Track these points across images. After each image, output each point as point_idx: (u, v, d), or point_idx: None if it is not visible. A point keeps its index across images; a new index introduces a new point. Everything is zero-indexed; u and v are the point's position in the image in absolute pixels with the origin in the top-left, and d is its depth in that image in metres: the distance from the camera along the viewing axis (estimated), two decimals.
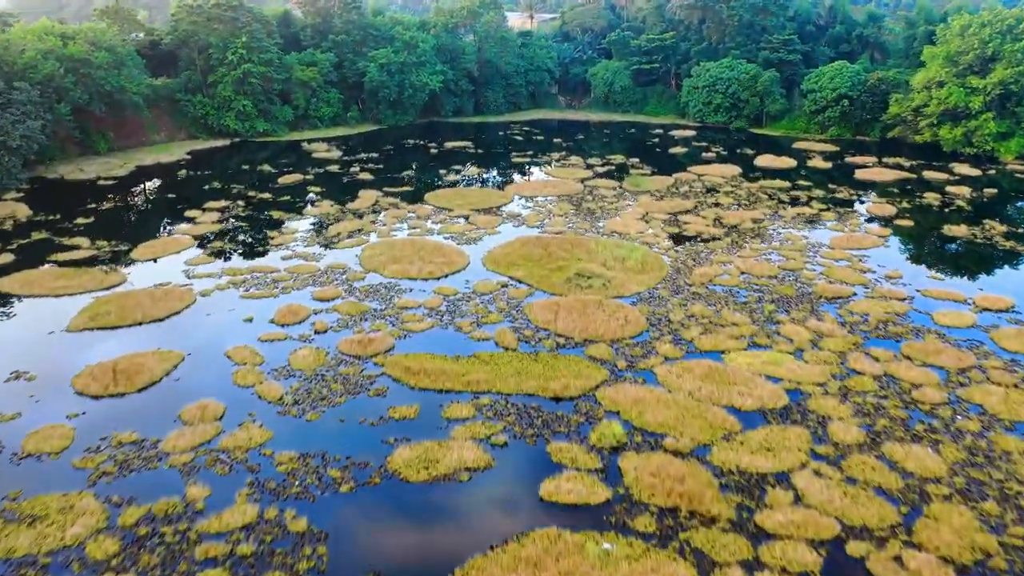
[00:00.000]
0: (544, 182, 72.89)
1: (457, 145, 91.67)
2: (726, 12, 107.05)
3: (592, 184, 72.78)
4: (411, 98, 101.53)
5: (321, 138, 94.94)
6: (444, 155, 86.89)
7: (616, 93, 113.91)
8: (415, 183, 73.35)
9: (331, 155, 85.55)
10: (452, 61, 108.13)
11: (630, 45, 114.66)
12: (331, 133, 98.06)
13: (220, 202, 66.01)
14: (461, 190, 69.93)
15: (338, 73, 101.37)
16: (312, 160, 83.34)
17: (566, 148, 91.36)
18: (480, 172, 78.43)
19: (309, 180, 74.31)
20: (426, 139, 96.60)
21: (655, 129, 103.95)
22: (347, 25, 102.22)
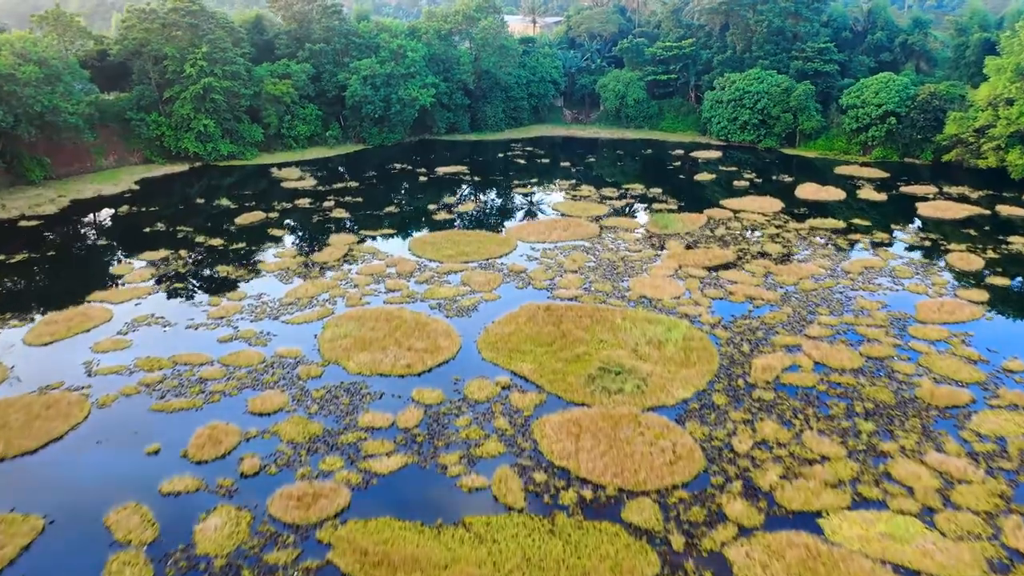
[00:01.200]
0: (552, 222, 61.16)
1: (450, 171, 79.92)
2: (753, 17, 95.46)
3: (609, 224, 61.08)
4: (399, 115, 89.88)
5: (295, 161, 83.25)
6: (435, 184, 75.22)
7: (629, 107, 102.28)
8: (398, 223, 61.65)
9: (304, 184, 73.84)
10: (446, 72, 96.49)
11: (644, 53, 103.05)
12: (307, 155, 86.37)
13: (160, 251, 54.33)
14: (453, 234, 58.19)
15: (316, 86, 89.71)
16: (281, 191, 71.63)
17: (575, 174, 79.71)
18: (476, 206, 66.67)
19: (273, 220, 62.60)
20: (415, 162, 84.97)
21: (674, 149, 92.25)
22: (326, 32, 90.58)
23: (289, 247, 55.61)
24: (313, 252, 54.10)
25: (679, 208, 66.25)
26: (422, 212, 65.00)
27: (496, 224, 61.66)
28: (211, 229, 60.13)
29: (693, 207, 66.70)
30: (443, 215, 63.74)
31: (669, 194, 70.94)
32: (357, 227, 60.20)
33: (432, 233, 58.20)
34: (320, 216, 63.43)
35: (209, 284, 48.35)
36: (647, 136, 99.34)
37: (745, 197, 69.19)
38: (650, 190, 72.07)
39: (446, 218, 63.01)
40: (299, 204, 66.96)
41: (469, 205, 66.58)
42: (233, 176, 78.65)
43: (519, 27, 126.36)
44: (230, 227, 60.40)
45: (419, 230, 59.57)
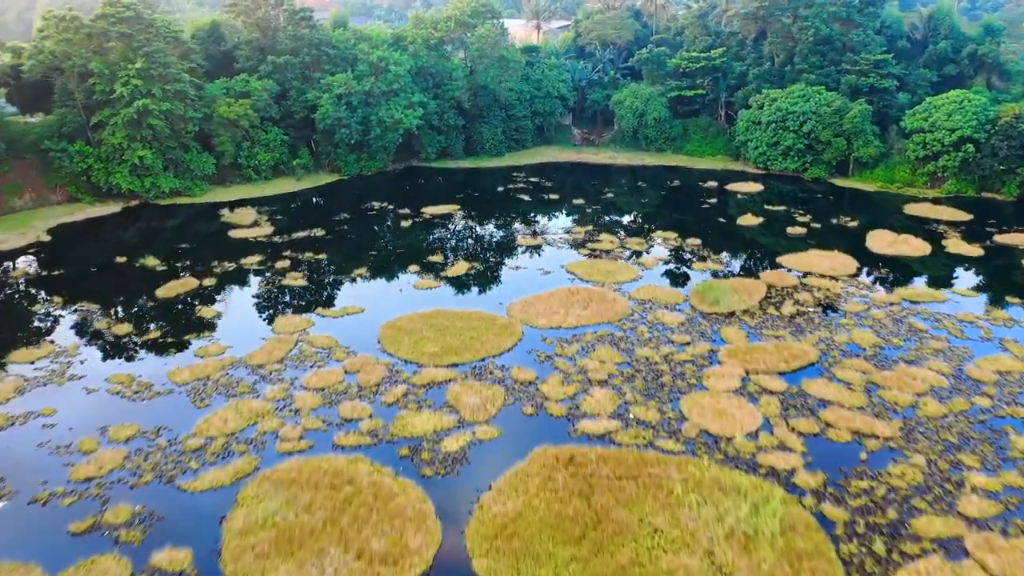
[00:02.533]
0: (568, 293, 47.16)
1: (439, 212, 65.79)
2: (795, 24, 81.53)
3: (642, 296, 47.06)
4: (379, 140, 75.84)
5: (253, 199, 69.19)
6: (420, 230, 61.23)
7: (648, 127, 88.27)
8: (369, 296, 47.67)
9: (258, 232, 59.79)
10: (436, 88, 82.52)
11: (666, 65, 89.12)
12: (269, 189, 72.28)
13: (41, 348, 40.31)
14: (439, 315, 44.10)
15: (281, 107, 75.73)
16: (227, 244, 57.61)
17: (591, 215, 65.71)
18: (470, 268, 52.60)
19: (207, 290, 48.57)
20: (398, 198, 70.97)
21: (704, 179, 78.27)
22: (294, 42, 76.56)
23: (218, 338, 41.56)
24: (248, 348, 40.05)
25: (726, 269, 52.30)
26: (400, 275, 50.99)
27: (495, 296, 47.63)
28: (122, 305, 46.13)
29: (744, 266, 52.82)
30: (427, 281, 49.69)
31: (711, 247, 56.98)
32: (314, 303, 46.18)
33: (411, 314, 44.13)
34: (269, 284, 49.41)
35: (85, 415, 34.20)
36: (671, 162, 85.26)
37: (808, 252, 55.20)
38: (686, 241, 58.00)
39: (431, 286, 49.01)
40: (246, 264, 52.92)
41: (460, 267, 52.46)
42: (175, 218, 64.65)
43: (521, 33, 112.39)
44: (148, 303, 46.33)
45: (393, 306, 45.57)
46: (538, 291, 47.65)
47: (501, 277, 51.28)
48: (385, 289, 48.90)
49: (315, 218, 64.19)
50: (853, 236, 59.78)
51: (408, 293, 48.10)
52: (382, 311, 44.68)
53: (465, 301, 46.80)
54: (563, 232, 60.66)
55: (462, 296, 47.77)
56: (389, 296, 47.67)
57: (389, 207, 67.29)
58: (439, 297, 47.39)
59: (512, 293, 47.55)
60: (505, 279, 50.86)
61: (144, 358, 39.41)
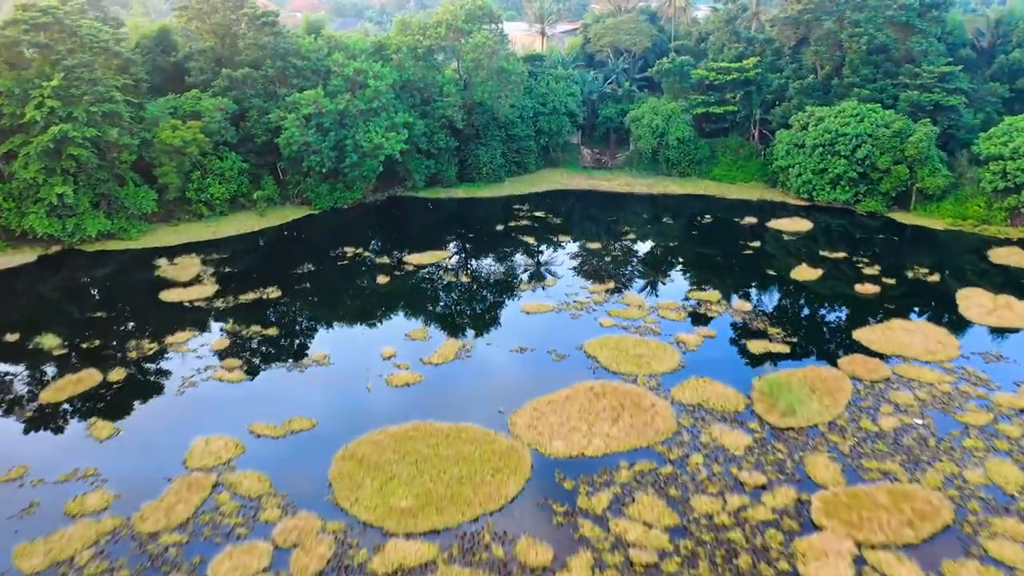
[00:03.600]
0: (589, 393, 35.34)
1: (425, 262, 53.84)
2: (845, 30, 69.77)
3: (689, 400, 35.25)
4: (356, 167, 63.96)
5: (202, 242, 57.32)
6: (400, 289, 49.44)
7: (670, 148, 76.42)
8: (321, 402, 35.80)
9: (197, 293, 47.91)
10: (424, 105, 70.69)
11: (690, 77, 77.33)
12: (223, 228, 60.35)
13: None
14: (413, 433, 32.26)
15: (240, 129, 63.92)
16: (155, 311, 45.83)
17: (611, 263, 53.93)
18: (461, 349, 40.76)
19: (110, 389, 36.71)
20: (377, 240, 59.31)
21: (740, 213, 66.46)
22: (256, 52, 64.68)
23: (105, 479, 29.73)
24: (144, 499, 28.21)
25: (792, 350, 40.54)
26: (368, 364, 39.10)
27: (493, 397, 35.77)
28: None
29: (815, 346, 41.07)
30: (403, 375, 37.81)
31: (765, 313, 45.22)
32: (251, 411, 34.37)
33: (379, 432, 32.28)
34: (191, 382, 37.49)
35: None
36: (697, 189, 73.33)
37: (890, 324, 43.42)
38: (733, 306, 46.15)
39: (408, 381, 37.18)
40: (172, 344, 41.07)
41: (448, 349, 40.56)
42: (103, 267, 52.86)
43: (523, 39, 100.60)
44: (24, 414, 34.48)
45: (356, 416, 33.81)
46: (550, 389, 35.83)
47: (501, 365, 39.40)
48: (348, 386, 36.99)
49: (272, 270, 52.40)
50: (938, 296, 48.16)
51: (378, 392, 36.30)
52: (340, 425, 32.92)
53: (453, 406, 34.94)
54: (578, 289, 48.78)
55: (449, 397, 35.93)
56: (352, 398, 35.84)
57: (364, 254, 55.37)
58: (419, 399, 35.58)
59: (516, 393, 35.71)
60: (506, 368, 38.99)
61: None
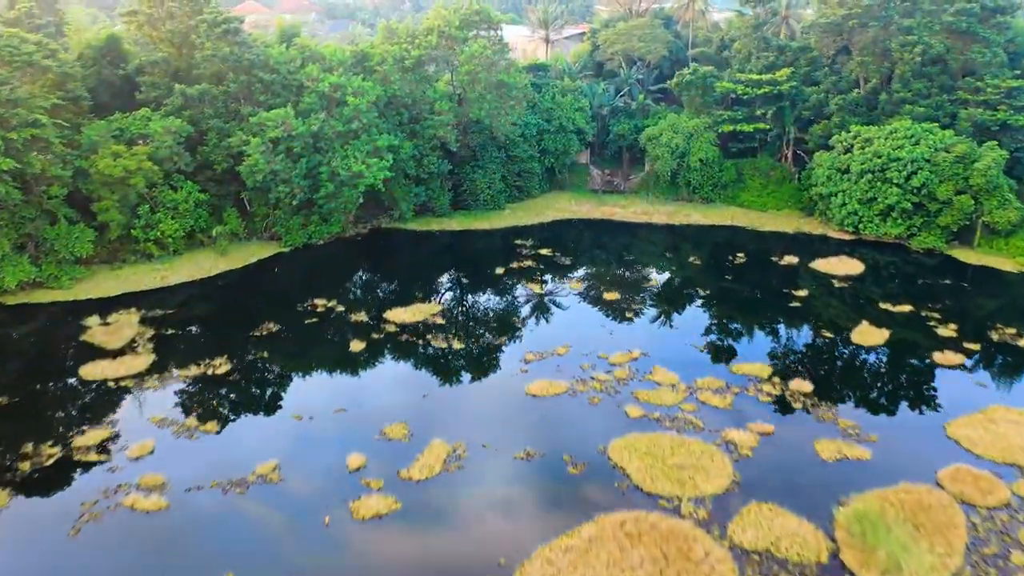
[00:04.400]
0: (622, 536, 26.37)
1: (410, 320, 44.71)
2: (895, 38, 60.86)
3: (756, 546, 26.28)
4: (333, 198, 54.99)
5: (147, 292, 48.36)
6: (376, 359, 40.51)
7: (692, 171, 67.54)
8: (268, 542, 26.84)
9: (127, 366, 38.89)
10: (413, 123, 61.77)
11: (714, 90, 68.46)
12: (176, 272, 51.32)
13: None
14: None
15: (197, 154, 55.02)
16: (68, 396, 36.82)
17: (633, 320, 44.96)
18: (451, 455, 31.71)
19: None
20: (355, 288, 50.52)
21: (776, 248, 57.70)
22: (217, 64, 55.71)
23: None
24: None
25: (874, 454, 31.59)
26: (329, 482, 30.10)
27: (489, 541, 26.81)
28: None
29: (904, 450, 32.10)
30: (371, 501, 28.67)
31: (828, 395, 36.26)
32: (156, 571, 25.40)
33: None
34: (94, 513, 28.36)
35: None
36: (723, 218, 64.34)
37: (989, 413, 34.58)
38: (790, 387, 37.12)
39: (380, 511, 28.13)
40: (76, 451, 32.01)
41: (435, 454, 31.50)
42: (17, 330, 43.75)
43: (525, 45, 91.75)
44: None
45: (304, 574, 24.89)
46: (567, 526, 26.92)
47: (501, 480, 30.39)
48: (299, 520, 27.96)
49: (225, 331, 43.50)
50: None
51: (338, 527, 27.34)
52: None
53: (437, 554, 26.03)
54: (595, 359, 39.79)
55: (433, 539, 26.97)
56: (303, 541, 26.86)
57: (338, 308, 46.30)
58: (392, 542, 26.65)
59: (523, 531, 26.82)
60: (509, 487, 29.93)
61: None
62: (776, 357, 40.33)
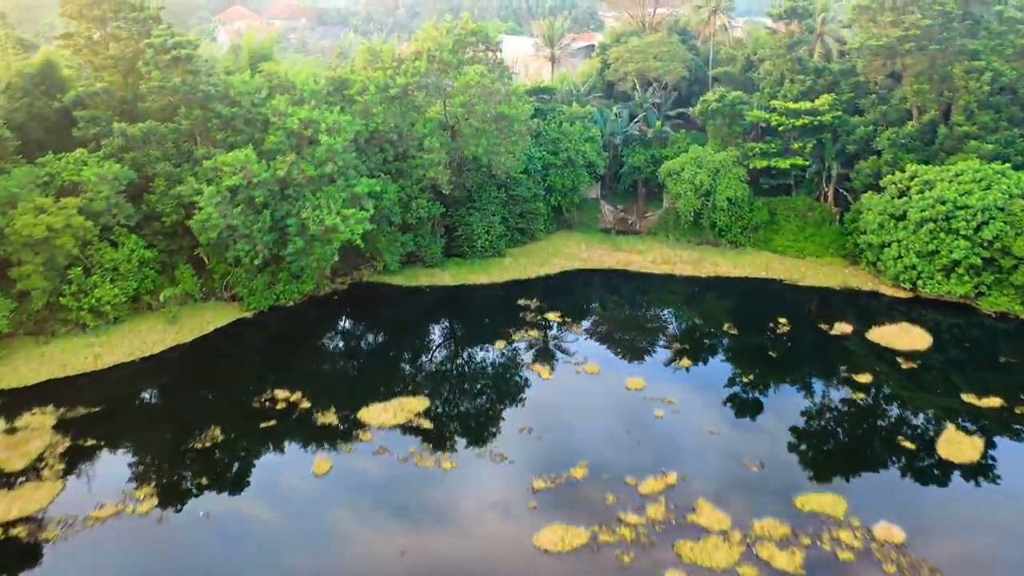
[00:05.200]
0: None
1: (389, 423, 36.22)
2: (959, 65, 52.58)
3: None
4: (303, 255, 46.53)
5: (73, 378, 39.97)
6: (343, 489, 32.05)
7: (719, 211, 59.26)
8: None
9: (25, 503, 30.45)
10: (399, 160, 53.44)
11: (743, 118, 60.21)
12: (113, 348, 42.81)
13: None
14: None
15: (143, 204, 46.62)
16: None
17: (660, 420, 36.56)
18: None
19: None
20: (324, 376, 42.18)
21: (822, 308, 49.66)
22: (165, 96, 47.28)
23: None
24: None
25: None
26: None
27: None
28: None
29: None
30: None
31: (928, 552, 27.92)
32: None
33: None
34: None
35: None
36: (757, 268, 55.89)
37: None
38: (875, 533, 28.70)
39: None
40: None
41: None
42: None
43: (528, 61, 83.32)
44: None
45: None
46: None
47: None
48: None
49: (158, 441, 35.12)
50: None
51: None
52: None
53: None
54: (621, 485, 31.42)
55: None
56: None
57: (303, 404, 37.86)
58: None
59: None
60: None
61: None
62: (849, 484, 32.02)
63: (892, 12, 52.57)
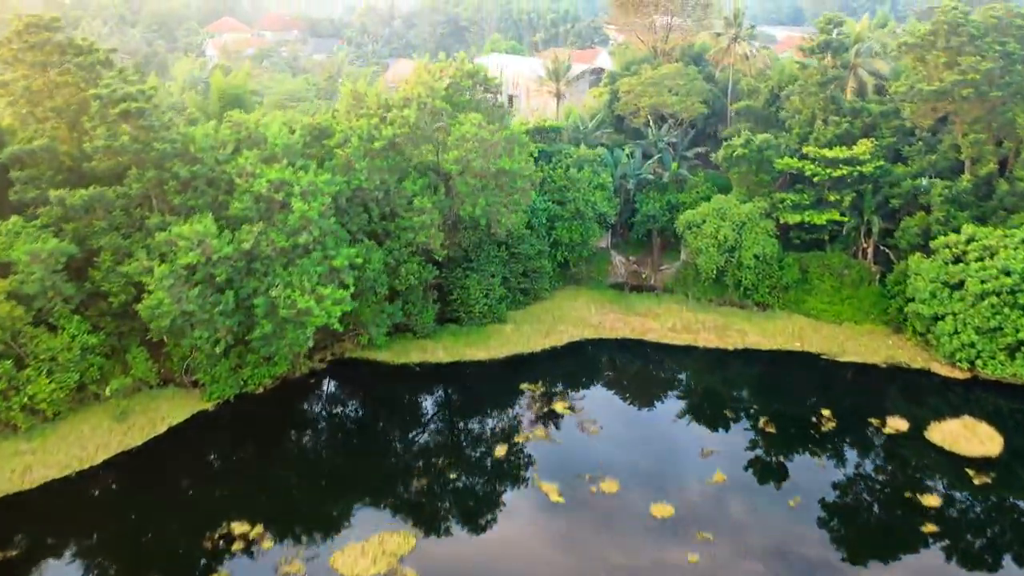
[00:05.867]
0: None
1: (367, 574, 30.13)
2: (1014, 108, 46.31)
3: None
4: (274, 339, 40.17)
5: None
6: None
7: (744, 268, 53.00)
8: None
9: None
10: (385, 220, 47.07)
11: (771, 165, 53.94)
12: (47, 458, 36.37)
13: None
14: None
15: (86, 282, 40.27)
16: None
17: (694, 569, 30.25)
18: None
19: None
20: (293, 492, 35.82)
21: (867, 393, 43.48)
22: (113, 156, 40.92)
23: None
24: None
25: None
26: None
27: None
28: None
29: None
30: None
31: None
32: None
33: None
34: None
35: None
36: (789, 338, 49.40)
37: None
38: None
39: None
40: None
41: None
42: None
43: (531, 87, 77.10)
44: None
45: None
46: None
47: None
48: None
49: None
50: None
51: None
52: None
53: None
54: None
55: None
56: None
57: (264, 543, 31.49)
58: None
59: None
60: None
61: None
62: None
63: (946, 52, 46.28)
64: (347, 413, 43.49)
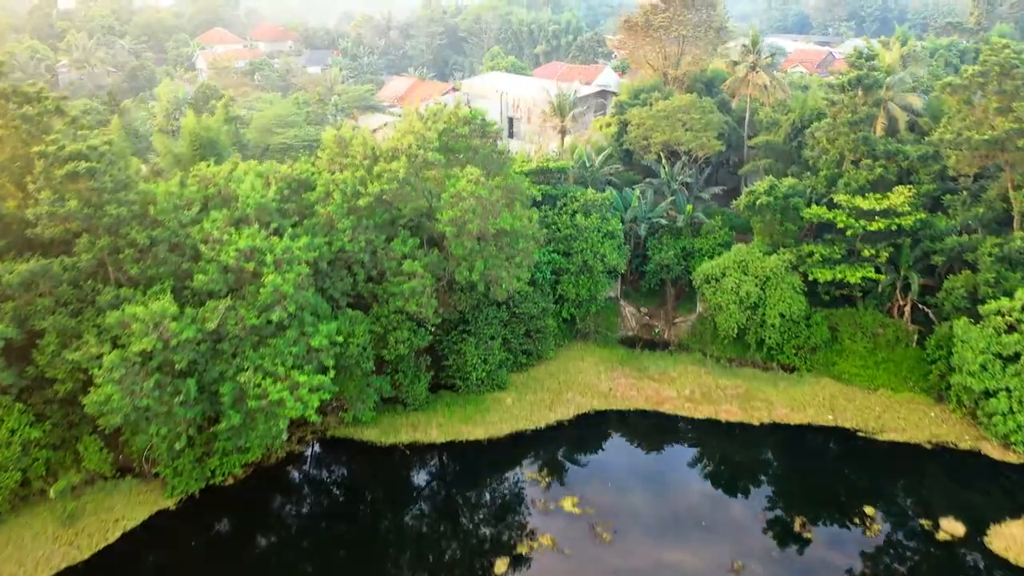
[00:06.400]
0: None
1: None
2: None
3: None
4: (244, 431, 35.33)
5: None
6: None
7: (768, 328, 48.17)
8: None
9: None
10: (371, 282, 42.17)
11: (799, 214, 49.08)
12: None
13: None
14: None
15: (28, 367, 35.40)
16: None
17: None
18: None
19: None
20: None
21: (912, 485, 38.76)
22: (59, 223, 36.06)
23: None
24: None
25: None
26: None
27: None
28: None
29: None
30: None
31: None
32: None
33: None
34: None
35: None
36: (820, 410, 44.59)
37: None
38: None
39: None
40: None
41: None
42: None
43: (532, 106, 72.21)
44: None
45: None
46: None
47: None
48: None
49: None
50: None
51: None
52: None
53: None
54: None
55: None
56: None
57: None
58: None
59: None
60: None
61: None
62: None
63: (998, 97, 41.45)
64: (326, 510, 38.49)
